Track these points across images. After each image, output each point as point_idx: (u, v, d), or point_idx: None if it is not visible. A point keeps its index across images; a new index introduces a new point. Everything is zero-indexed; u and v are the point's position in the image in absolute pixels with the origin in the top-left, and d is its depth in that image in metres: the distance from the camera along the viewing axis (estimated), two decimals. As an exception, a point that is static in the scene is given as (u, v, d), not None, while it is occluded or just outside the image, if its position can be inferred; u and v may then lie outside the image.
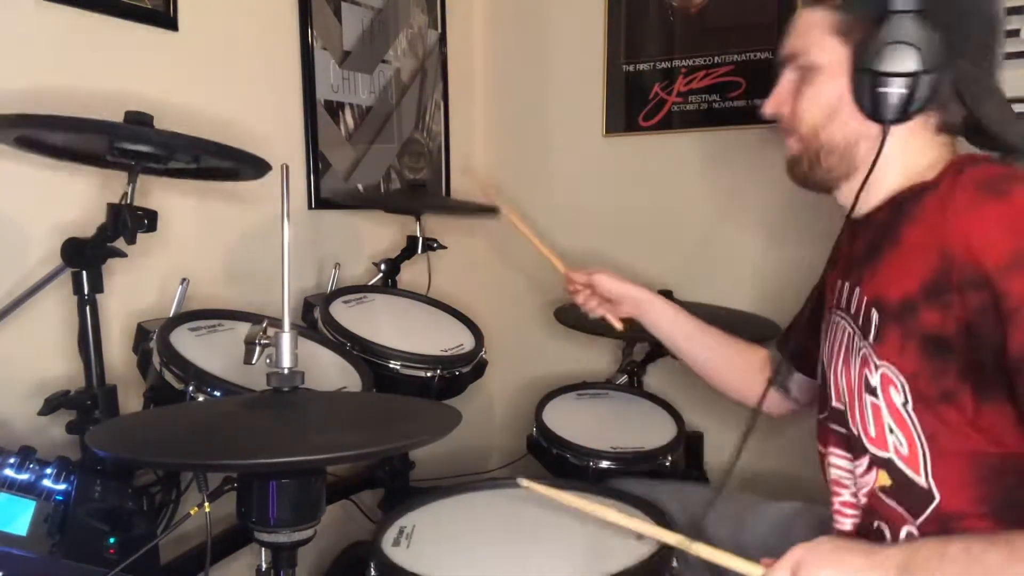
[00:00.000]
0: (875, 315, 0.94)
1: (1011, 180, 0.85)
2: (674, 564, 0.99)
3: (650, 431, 1.63)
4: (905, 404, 0.91)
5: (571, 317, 1.89)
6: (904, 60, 0.89)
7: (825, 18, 0.98)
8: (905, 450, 0.92)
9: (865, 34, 0.93)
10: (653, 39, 2.07)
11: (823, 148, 1.01)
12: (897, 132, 0.94)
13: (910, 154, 0.97)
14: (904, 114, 0.92)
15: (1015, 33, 1.68)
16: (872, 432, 0.95)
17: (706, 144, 2.03)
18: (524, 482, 1.08)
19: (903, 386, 0.91)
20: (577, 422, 1.64)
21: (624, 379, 1.91)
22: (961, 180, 0.90)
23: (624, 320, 1.41)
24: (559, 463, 1.54)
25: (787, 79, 1.05)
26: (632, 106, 2.11)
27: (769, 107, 1.07)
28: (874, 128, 0.95)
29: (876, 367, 0.93)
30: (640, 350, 1.96)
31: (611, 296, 1.38)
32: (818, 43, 0.99)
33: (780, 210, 1.91)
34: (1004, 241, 0.81)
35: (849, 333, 1.00)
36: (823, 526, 1.09)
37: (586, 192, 2.22)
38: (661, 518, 1.11)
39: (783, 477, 1.85)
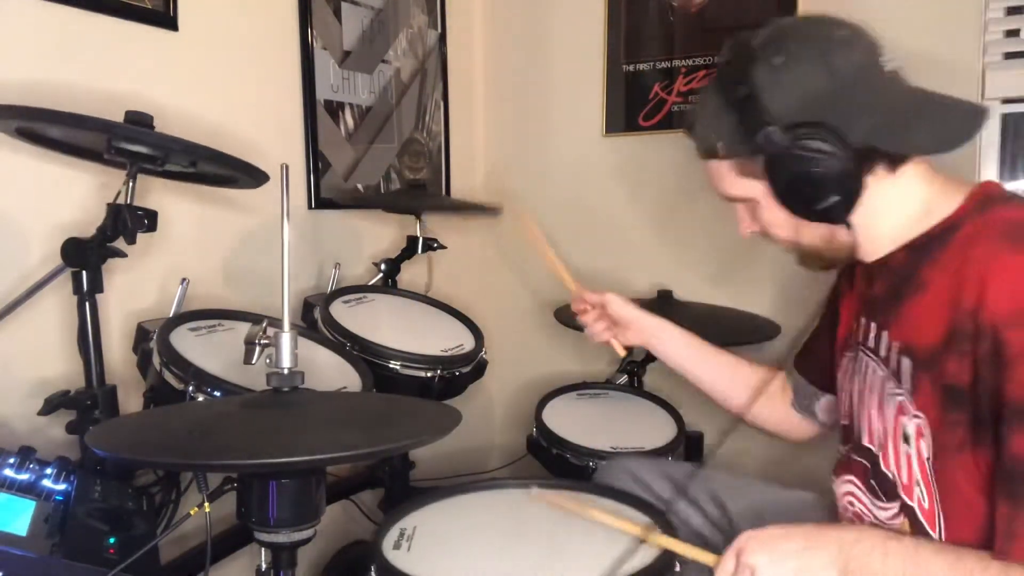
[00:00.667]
0: (906, 363, 0.93)
1: None
2: (677, 568, 0.99)
3: (650, 431, 1.63)
4: (928, 459, 0.91)
5: (571, 317, 1.88)
6: (815, 176, 0.90)
7: (725, 167, 1.00)
8: (927, 504, 0.93)
9: (766, 172, 0.94)
10: (653, 39, 2.07)
11: (812, 249, 1.03)
12: (862, 202, 0.93)
13: (894, 202, 0.96)
14: (852, 202, 0.92)
15: (1015, 33, 1.68)
16: (905, 479, 0.95)
17: (706, 144, 2.03)
18: (535, 491, 1.09)
19: (930, 439, 0.91)
20: (577, 422, 1.64)
21: (624, 379, 1.91)
22: (985, 224, 0.88)
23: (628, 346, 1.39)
24: (559, 463, 1.54)
25: (741, 209, 1.06)
26: (632, 106, 2.11)
27: (744, 232, 1.08)
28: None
29: (912, 417, 0.93)
30: (640, 350, 1.96)
31: (621, 320, 1.36)
32: (737, 186, 1.00)
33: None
34: (1012, 293, 0.81)
35: (881, 377, 0.99)
36: (833, 518, 1.10)
37: (586, 192, 2.22)
38: (660, 517, 1.11)
39: (795, 467, 1.84)
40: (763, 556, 0.89)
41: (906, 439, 0.94)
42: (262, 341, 0.93)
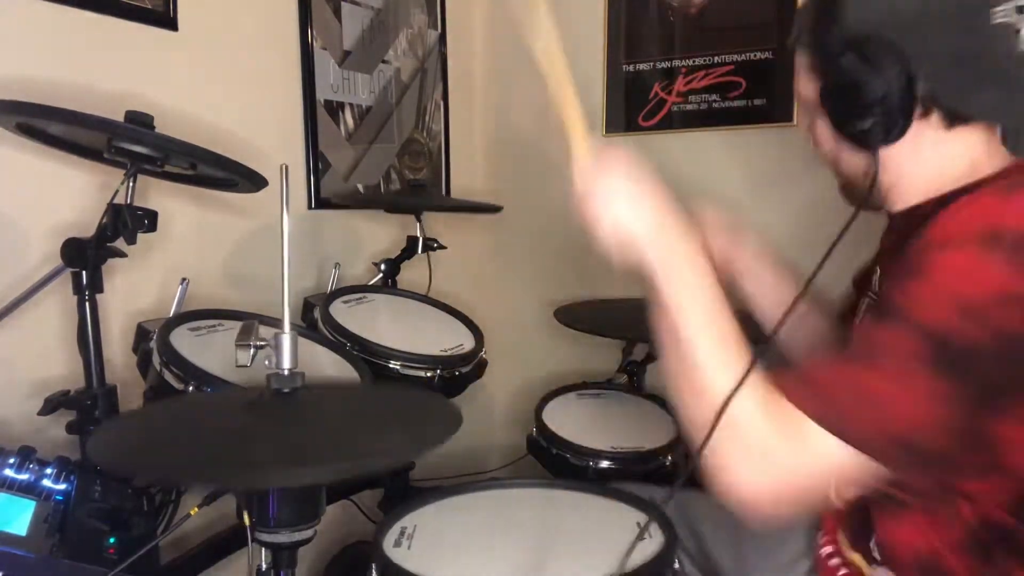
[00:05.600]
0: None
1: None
2: (676, 565, 0.99)
3: (650, 431, 1.63)
4: None
5: (571, 317, 1.89)
6: (858, 93, 0.88)
7: (803, 58, 0.98)
8: None
9: (825, 72, 0.92)
10: (653, 39, 2.07)
11: (850, 178, 1.00)
12: (904, 145, 0.91)
13: (940, 157, 0.93)
14: (886, 138, 0.90)
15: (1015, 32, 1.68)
16: None
17: (706, 144, 2.03)
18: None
19: None
20: (577, 422, 1.64)
21: (624, 379, 1.91)
22: (999, 179, 0.88)
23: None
24: (559, 463, 1.54)
25: (806, 110, 1.03)
26: (632, 106, 2.11)
27: (808, 141, 1.06)
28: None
29: None
30: (640, 350, 1.96)
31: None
32: (802, 81, 0.98)
33: (780, 210, 1.91)
34: (955, 223, 0.81)
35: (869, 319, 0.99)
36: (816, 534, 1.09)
37: (586, 192, 2.22)
38: (662, 518, 1.11)
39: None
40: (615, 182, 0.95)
41: None
42: (256, 343, 0.93)
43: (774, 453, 0.80)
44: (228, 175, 1.21)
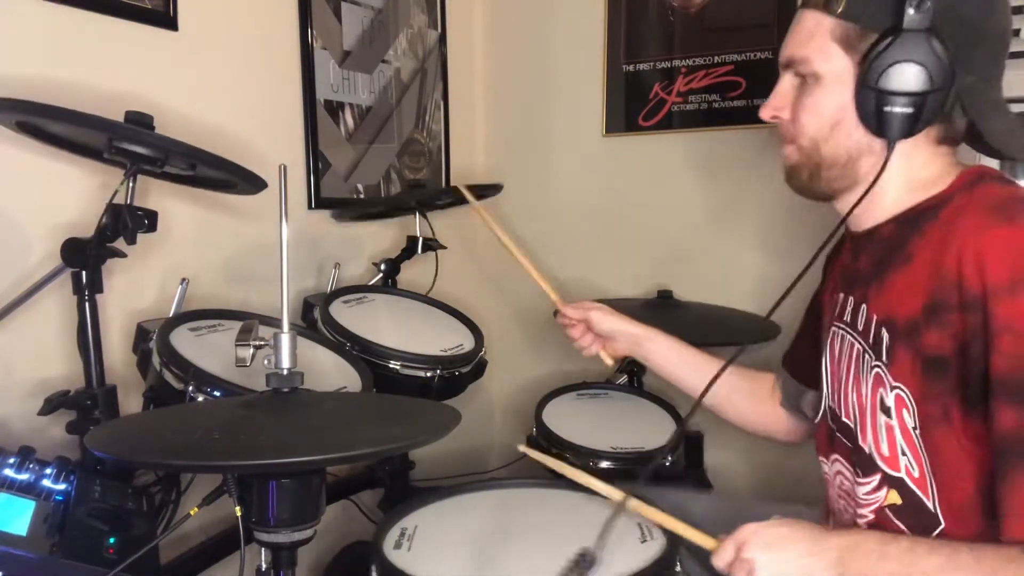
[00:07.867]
0: (886, 335, 0.93)
1: (1020, 204, 0.86)
2: (677, 568, 0.99)
3: (650, 431, 1.63)
4: (915, 428, 0.91)
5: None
6: (912, 79, 0.88)
7: (828, 25, 0.94)
8: (916, 472, 0.92)
9: (872, 48, 0.90)
10: (653, 39, 2.07)
11: (824, 161, 0.98)
12: (900, 146, 0.93)
13: (912, 167, 0.96)
14: (910, 131, 0.91)
15: (1015, 33, 1.68)
16: (886, 451, 0.95)
17: (706, 144, 2.03)
18: (522, 448, 1.06)
19: (914, 410, 0.90)
20: (577, 422, 1.64)
21: (624, 379, 1.91)
22: (972, 200, 0.89)
23: (617, 358, 1.37)
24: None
25: (787, 83, 1.01)
26: (632, 106, 2.11)
27: (767, 112, 1.04)
28: (877, 143, 0.94)
29: (891, 388, 0.93)
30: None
31: (607, 333, 1.33)
32: (821, 51, 0.95)
33: (780, 210, 1.91)
34: (1002, 265, 0.82)
35: (859, 350, 0.99)
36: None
37: (586, 192, 2.22)
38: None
39: (783, 479, 1.84)
40: (765, 555, 0.87)
41: (886, 411, 0.94)
42: (256, 342, 0.93)
43: None
44: (227, 176, 1.21)
